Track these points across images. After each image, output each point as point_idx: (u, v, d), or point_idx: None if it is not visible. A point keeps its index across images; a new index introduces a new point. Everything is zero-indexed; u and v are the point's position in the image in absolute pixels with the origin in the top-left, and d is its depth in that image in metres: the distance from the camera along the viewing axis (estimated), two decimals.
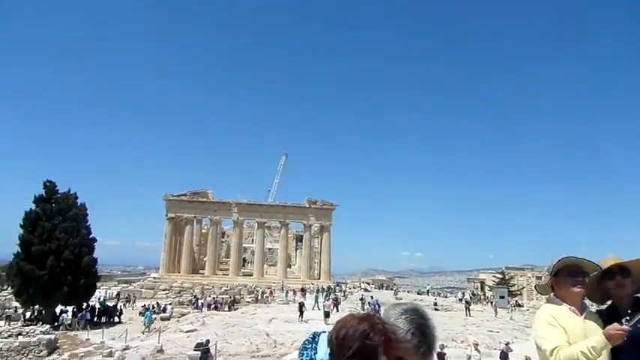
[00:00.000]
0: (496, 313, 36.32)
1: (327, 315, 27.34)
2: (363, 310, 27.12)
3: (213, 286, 55.81)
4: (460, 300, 47.27)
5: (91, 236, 37.12)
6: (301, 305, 28.31)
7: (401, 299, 43.16)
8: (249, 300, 45.46)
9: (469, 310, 35.23)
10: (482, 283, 75.33)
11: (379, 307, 28.28)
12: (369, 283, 66.56)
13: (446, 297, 59.03)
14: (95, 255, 37.11)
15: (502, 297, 45.90)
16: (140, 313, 37.69)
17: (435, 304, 39.80)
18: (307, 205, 65.59)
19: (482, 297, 52.73)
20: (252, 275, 65.13)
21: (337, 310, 27.94)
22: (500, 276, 68.71)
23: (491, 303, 45.36)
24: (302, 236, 73.50)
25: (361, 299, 37.85)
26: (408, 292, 52.27)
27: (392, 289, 61.42)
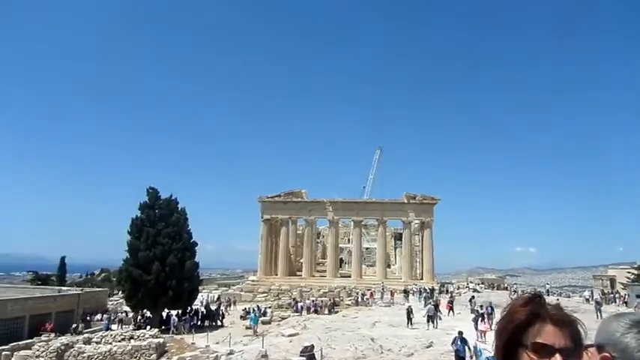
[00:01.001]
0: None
1: (430, 320, 26.34)
2: (474, 314, 25.51)
3: (311, 289, 56.75)
4: (588, 300, 43.53)
5: (192, 240, 39.06)
6: (410, 311, 27.52)
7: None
8: (349, 302, 45.54)
9: (600, 312, 31.98)
10: (613, 280, 69.42)
11: (493, 310, 26.58)
12: (478, 283, 63.69)
13: (568, 297, 54.83)
14: (196, 259, 39.00)
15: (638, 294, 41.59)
16: (241, 317, 39.12)
17: None
18: (406, 201, 64.54)
19: (615, 296, 47.98)
20: (349, 276, 65.42)
21: (452, 313, 26.45)
22: (635, 272, 62.53)
23: (626, 303, 41.48)
24: (401, 234, 72.21)
25: (471, 301, 36.03)
26: (523, 291, 49.06)
27: (506, 289, 58.46)
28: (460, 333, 17.57)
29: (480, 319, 22.97)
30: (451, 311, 29.95)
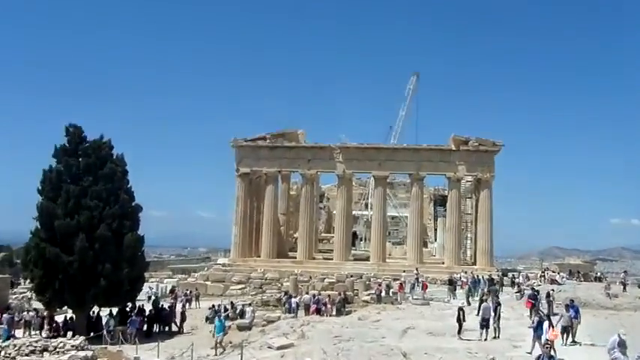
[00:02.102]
0: None
1: (485, 325, 26.52)
2: (537, 317, 25.76)
3: (310, 277, 57.82)
4: None
5: (134, 204, 38.95)
6: (461, 313, 27.98)
7: (616, 296, 41.84)
8: (367, 298, 46.13)
9: None
10: None
11: (578, 312, 27.06)
12: (555, 271, 64.59)
13: None
14: (140, 232, 39.08)
15: None
16: (207, 319, 39.69)
17: None
18: (454, 147, 65.03)
19: None
20: (367, 259, 66.47)
21: (532, 317, 26.80)
22: None
23: None
24: (445, 197, 73.13)
25: (548, 297, 36.08)
26: (622, 283, 50.04)
27: (599, 280, 59.06)
28: (619, 335, 17.81)
29: (548, 324, 23.28)
30: (533, 312, 30.20)
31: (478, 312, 30.21)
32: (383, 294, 45.80)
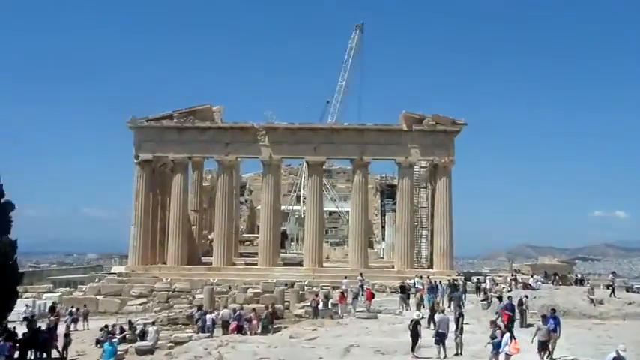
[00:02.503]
0: None
1: (441, 341, 26.12)
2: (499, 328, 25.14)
3: (229, 287, 57.58)
4: None
5: (3, 200, 37.53)
6: (418, 326, 26.97)
7: (601, 302, 42.10)
8: (301, 312, 46.11)
9: None
10: None
11: (558, 326, 26.25)
12: (527, 273, 64.99)
13: None
14: (11, 235, 37.38)
15: None
16: (97, 342, 38.35)
17: None
18: (405, 127, 65.23)
19: None
20: (300, 264, 66.51)
21: (511, 334, 25.82)
22: None
23: None
24: (394, 187, 73.85)
25: (520, 305, 36.37)
26: (610, 286, 50.31)
27: (579, 283, 59.81)
28: (617, 352, 18.08)
29: (509, 336, 22.82)
30: (508, 325, 29.44)
31: (429, 324, 30.59)
32: (320, 306, 45.19)
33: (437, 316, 28.33)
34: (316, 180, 66.32)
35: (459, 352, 26.35)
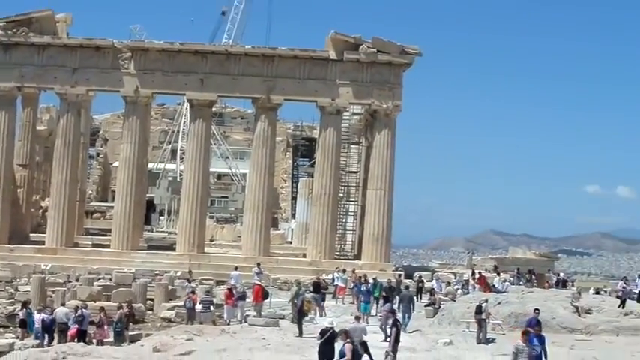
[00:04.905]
0: None
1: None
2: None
3: (69, 277, 55.72)
4: None
5: None
6: (329, 338, 24.98)
7: (589, 312, 42.28)
8: (171, 314, 46.03)
9: None
10: None
11: (544, 345, 25.28)
12: (494, 270, 63.88)
13: None
14: None
15: None
16: None
17: None
18: (333, 55, 64.57)
19: None
20: (172, 248, 65.48)
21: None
22: None
23: None
24: (312, 142, 74.14)
25: (479, 313, 36.52)
26: (604, 291, 51.36)
27: (563, 284, 60.88)
28: None
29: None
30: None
31: (322, 337, 27.13)
32: (198, 307, 43.78)
33: (350, 325, 28.03)
34: (201, 127, 65.29)
35: None
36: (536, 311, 33.90)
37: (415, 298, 46.92)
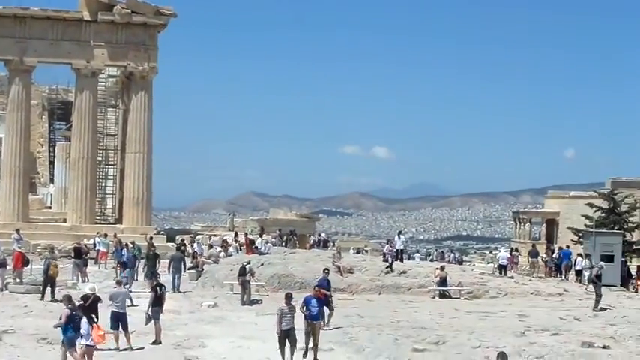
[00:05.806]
0: (596, 305, 36.31)
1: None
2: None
3: None
4: (501, 270, 50.04)
5: None
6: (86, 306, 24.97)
7: (351, 271, 43.40)
8: None
9: None
10: (551, 221, 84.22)
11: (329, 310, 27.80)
12: (257, 231, 65.77)
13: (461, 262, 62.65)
14: None
15: (610, 256, 47.91)
16: None
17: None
18: (87, 16, 62.57)
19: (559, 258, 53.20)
20: None
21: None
22: (603, 202, 73.58)
23: (579, 273, 48.36)
24: (69, 105, 72.90)
25: (242, 274, 36.84)
26: (365, 251, 52.72)
27: (321, 245, 62.41)
28: None
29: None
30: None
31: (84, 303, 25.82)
32: None
33: (112, 291, 27.18)
34: None
35: (158, 340, 25.31)
36: (326, 271, 34.54)
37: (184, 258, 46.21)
